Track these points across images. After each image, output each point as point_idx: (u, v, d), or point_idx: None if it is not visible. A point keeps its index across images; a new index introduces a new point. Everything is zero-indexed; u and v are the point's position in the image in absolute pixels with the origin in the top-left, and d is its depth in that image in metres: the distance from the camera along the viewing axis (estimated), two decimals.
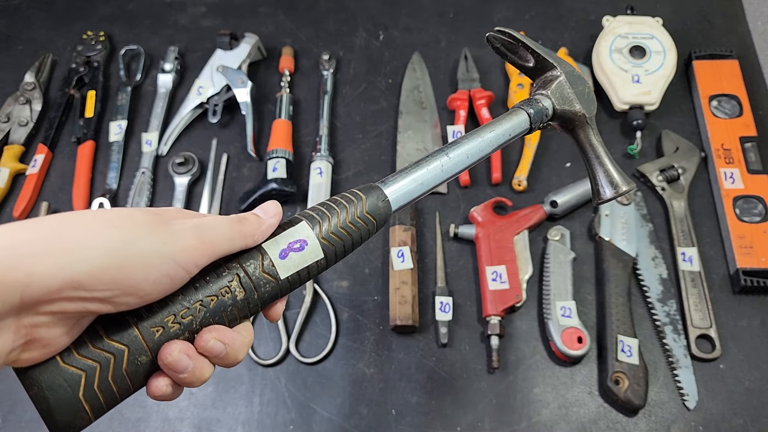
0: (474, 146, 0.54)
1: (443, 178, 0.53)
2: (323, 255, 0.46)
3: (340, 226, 0.47)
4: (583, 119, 0.60)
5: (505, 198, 1.00)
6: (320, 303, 0.96)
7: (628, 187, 0.59)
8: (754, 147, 1.00)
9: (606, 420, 0.85)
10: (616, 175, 0.59)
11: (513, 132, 0.57)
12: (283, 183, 1.01)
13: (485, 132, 0.55)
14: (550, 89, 0.59)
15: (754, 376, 0.87)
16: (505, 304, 0.90)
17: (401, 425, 0.87)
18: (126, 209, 0.40)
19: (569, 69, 0.60)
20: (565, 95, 0.59)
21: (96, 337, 0.39)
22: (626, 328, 0.88)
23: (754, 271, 0.91)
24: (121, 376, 0.39)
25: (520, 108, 0.58)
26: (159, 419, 0.89)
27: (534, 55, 0.61)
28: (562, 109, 0.59)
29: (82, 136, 1.12)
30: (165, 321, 0.41)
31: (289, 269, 0.45)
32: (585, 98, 0.60)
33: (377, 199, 0.49)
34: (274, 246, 0.45)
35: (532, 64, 0.62)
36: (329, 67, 1.17)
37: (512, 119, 0.57)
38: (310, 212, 0.47)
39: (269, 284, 0.44)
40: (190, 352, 0.41)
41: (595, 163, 0.60)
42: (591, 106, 0.60)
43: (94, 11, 1.30)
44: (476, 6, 1.25)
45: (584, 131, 0.61)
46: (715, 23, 1.19)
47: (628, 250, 0.94)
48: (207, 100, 1.12)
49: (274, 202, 0.47)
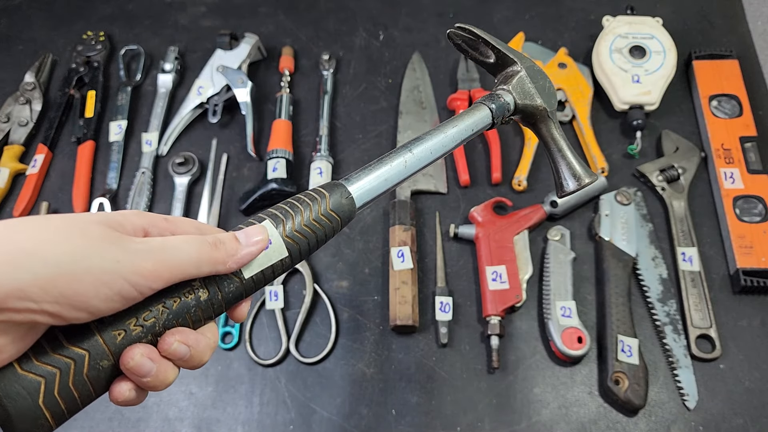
0: (437, 142, 0.54)
1: (406, 174, 0.53)
2: (287, 253, 0.45)
3: (303, 224, 0.46)
4: (545, 113, 0.60)
5: (505, 198, 1.00)
6: (320, 303, 0.96)
7: (591, 179, 0.60)
8: (754, 147, 1.00)
9: (606, 420, 0.85)
10: (579, 167, 0.60)
11: (475, 127, 0.57)
12: (283, 183, 1.01)
13: (448, 128, 0.55)
14: (511, 84, 0.59)
15: (754, 376, 0.87)
16: (505, 304, 0.90)
17: (401, 425, 0.87)
18: (83, 219, 0.38)
19: (530, 64, 0.61)
20: (526, 90, 0.60)
21: (55, 342, 0.38)
22: (626, 328, 0.88)
23: (754, 271, 0.91)
24: (83, 382, 0.38)
25: (482, 103, 0.58)
26: (159, 419, 0.89)
27: (494, 51, 0.61)
28: (523, 103, 0.59)
29: (82, 136, 1.12)
30: (127, 324, 0.39)
31: (253, 269, 0.44)
32: (546, 92, 0.60)
33: (341, 196, 0.49)
34: None
35: (492, 60, 0.62)
36: (329, 67, 1.17)
37: (474, 115, 0.57)
38: (273, 211, 0.46)
39: (233, 284, 0.43)
40: (153, 355, 0.40)
41: (558, 156, 0.61)
42: (552, 100, 0.61)
43: (94, 11, 1.30)
44: (476, 6, 1.25)
45: (546, 125, 0.61)
46: (715, 23, 1.19)
47: (628, 250, 0.94)
48: (207, 100, 1.12)
49: (261, 227, 0.45)
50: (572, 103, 1.07)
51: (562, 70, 1.10)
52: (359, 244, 1.00)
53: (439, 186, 1.04)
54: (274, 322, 0.94)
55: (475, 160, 1.06)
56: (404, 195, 1.01)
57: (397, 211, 0.98)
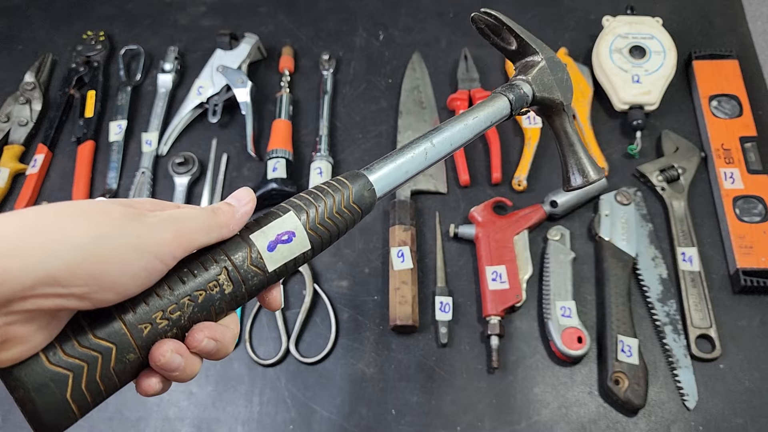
0: (457, 132, 0.54)
1: (426, 164, 0.53)
2: (310, 246, 0.45)
3: (327, 216, 0.46)
4: (561, 107, 0.60)
5: (505, 198, 1.00)
6: (320, 303, 0.96)
7: (598, 176, 0.60)
8: (754, 147, 1.00)
9: (606, 420, 0.85)
10: (588, 164, 0.60)
11: (494, 118, 0.57)
12: (283, 183, 1.01)
13: (467, 118, 0.55)
14: (531, 75, 0.59)
15: (754, 375, 0.87)
16: (505, 304, 0.90)
17: (401, 425, 0.87)
18: (101, 202, 0.39)
19: (551, 55, 0.61)
20: (545, 82, 0.59)
21: (82, 334, 0.38)
22: (626, 328, 0.88)
23: (754, 271, 0.91)
24: (109, 375, 0.38)
25: (501, 94, 0.58)
26: (159, 419, 0.89)
27: (517, 39, 0.61)
28: (541, 95, 0.59)
29: (82, 136, 1.12)
30: (153, 317, 0.39)
31: (277, 261, 0.44)
32: (563, 86, 0.61)
33: (363, 188, 0.48)
34: (262, 237, 0.43)
35: (514, 47, 0.62)
36: (329, 66, 1.17)
37: (494, 105, 0.57)
38: (297, 201, 0.46)
39: (257, 277, 0.43)
40: (182, 350, 0.40)
41: (568, 150, 0.61)
42: (569, 94, 0.61)
43: (94, 11, 1.30)
44: (476, 6, 1.23)
45: (560, 119, 0.61)
46: (715, 23, 1.19)
47: (628, 250, 0.94)
48: (207, 100, 1.12)
49: (246, 189, 0.46)
50: (572, 103, 1.07)
51: None
52: (359, 243, 1.00)
53: (439, 186, 1.04)
54: (274, 322, 0.94)
55: (475, 160, 1.06)
56: (404, 195, 1.01)
57: (397, 210, 0.98)
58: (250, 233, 0.44)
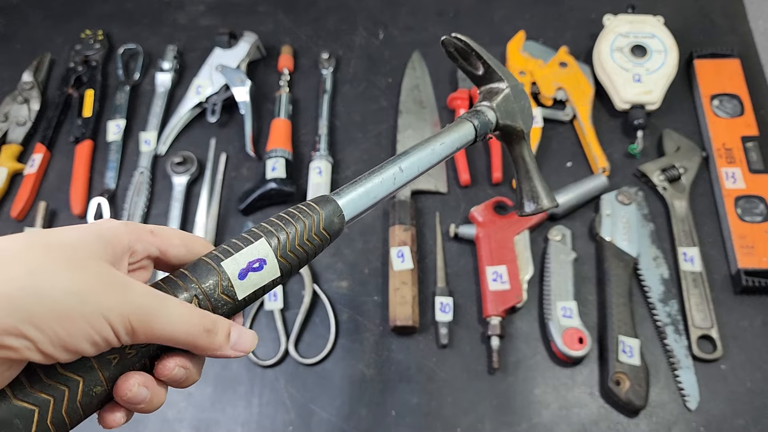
0: (424, 157, 0.55)
1: (394, 188, 0.53)
2: (280, 273, 0.44)
3: (298, 243, 0.45)
4: (522, 134, 0.62)
5: (506, 198, 0.99)
6: (320, 303, 0.95)
7: (551, 204, 0.62)
8: (755, 146, 1.00)
9: (607, 421, 0.85)
10: (542, 191, 0.63)
11: (459, 143, 0.58)
12: (282, 183, 1.01)
13: (434, 143, 0.56)
14: (496, 102, 0.60)
15: (756, 376, 0.86)
16: (505, 304, 0.90)
17: (401, 426, 0.86)
18: (82, 251, 0.36)
19: (515, 83, 0.62)
20: (509, 109, 0.61)
21: (49, 368, 0.37)
22: (627, 328, 0.87)
23: (756, 271, 0.90)
24: (75, 409, 0.37)
25: (467, 120, 0.59)
26: (158, 420, 0.89)
27: (484, 65, 0.62)
28: (504, 122, 0.60)
29: (80, 136, 1.12)
30: (122, 348, 0.38)
31: (247, 289, 0.43)
32: (525, 113, 0.62)
33: (333, 213, 0.47)
34: (234, 265, 0.42)
35: (480, 73, 0.63)
36: (329, 66, 1.16)
37: (459, 131, 0.58)
38: (268, 227, 0.45)
39: (227, 305, 0.42)
40: (149, 383, 0.39)
41: (524, 177, 0.64)
42: (529, 121, 0.63)
43: (93, 10, 1.30)
44: (476, 5, 1.24)
45: (520, 146, 0.63)
46: (716, 22, 1.18)
47: (629, 250, 0.94)
48: (206, 99, 1.12)
49: (254, 337, 0.44)
50: (573, 103, 1.07)
51: (563, 69, 1.09)
52: (359, 244, 1.00)
53: (439, 186, 1.03)
54: (273, 323, 0.94)
55: (476, 160, 1.06)
56: (404, 195, 1.00)
57: (397, 210, 0.97)
58: (221, 260, 0.42)
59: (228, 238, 1.02)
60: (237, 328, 0.43)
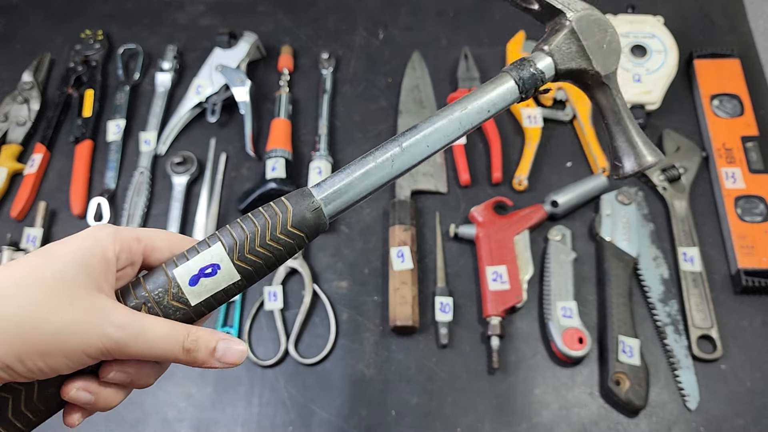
0: (438, 130, 0.45)
1: (393, 174, 0.45)
2: (240, 277, 0.43)
3: (259, 245, 0.43)
4: (597, 78, 0.50)
5: (506, 198, 0.99)
6: (319, 303, 0.95)
7: (654, 158, 0.50)
8: (755, 146, 1.00)
9: (607, 421, 0.85)
10: (641, 144, 0.50)
11: (495, 106, 0.47)
12: (282, 183, 1.01)
13: (455, 110, 0.46)
14: (554, 43, 0.49)
15: (756, 376, 0.86)
16: (505, 304, 0.90)
17: (401, 426, 0.86)
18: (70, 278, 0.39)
19: (582, 14, 0.50)
20: (572, 50, 0.49)
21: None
22: (627, 328, 0.87)
23: (756, 271, 0.90)
24: (33, 406, 0.40)
25: (507, 73, 0.48)
26: (157, 420, 0.89)
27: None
28: (567, 67, 0.49)
29: (80, 136, 1.12)
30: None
31: (201, 295, 0.42)
32: (602, 51, 0.50)
33: (305, 209, 0.44)
34: (185, 271, 0.42)
35: (536, 8, 0.53)
36: (329, 66, 1.16)
37: (494, 89, 0.47)
38: (228, 229, 0.43)
39: (179, 311, 0.42)
40: (91, 387, 0.41)
41: (615, 129, 0.51)
42: (610, 59, 0.50)
43: (92, 10, 1.30)
44: (476, 5, 1.24)
45: (602, 91, 0.51)
46: (716, 22, 1.18)
47: (629, 250, 0.94)
48: (206, 99, 1.12)
49: (243, 350, 0.44)
50: (573, 103, 1.07)
51: None
52: (359, 244, 1.00)
53: (439, 185, 1.03)
54: (273, 323, 0.94)
55: (476, 160, 1.06)
56: (404, 195, 1.00)
57: (396, 210, 0.97)
58: (174, 267, 0.43)
59: None
60: (226, 341, 0.43)
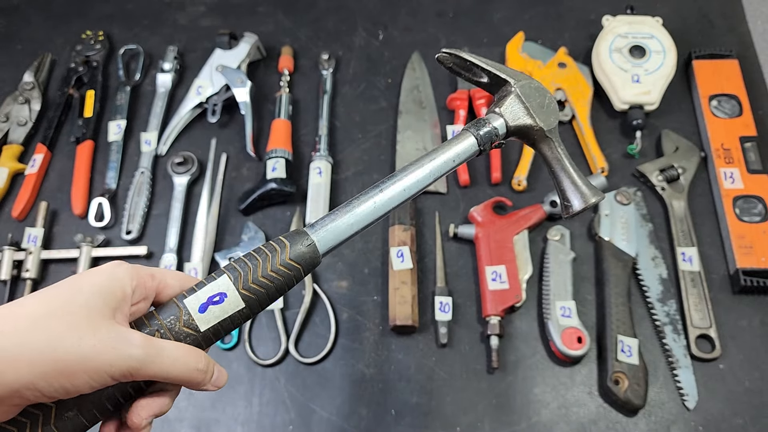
0: (413, 179, 0.54)
1: (378, 214, 0.53)
2: (244, 305, 0.48)
3: (261, 276, 0.48)
4: (542, 133, 0.58)
5: (505, 198, 1.00)
6: (320, 303, 0.96)
7: (597, 198, 0.57)
8: (753, 147, 1.00)
9: (606, 420, 0.85)
10: (583, 186, 0.58)
11: (459, 158, 0.56)
12: (283, 183, 1.01)
13: (426, 162, 0.54)
14: (503, 106, 0.57)
15: (754, 376, 0.87)
16: (504, 304, 0.90)
17: (401, 425, 0.86)
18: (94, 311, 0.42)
19: (524, 82, 0.58)
20: (517, 111, 0.57)
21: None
22: (626, 328, 0.88)
23: (754, 271, 0.91)
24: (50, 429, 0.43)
25: (467, 131, 0.56)
26: (157, 420, 0.88)
27: (485, 72, 0.60)
28: (515, 125, 0.57)
29: (81, 136, 1.12)
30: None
31: (210, 321, 0.47)
32: (544, 111, 0.58)
33: (302, 245, 0.50)
34: (194, 300, 0.47)
35: (486, 81, 0.61)
36: (329, 66, 1.17)
37: (458, 145, 0.56)
38: (233, 264, 0.49)
39: (190, 337, 0.46)
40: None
41: (562, 175, 0.59)
42: (551, 117, 0.58)
43: (93, 11, 1.30)
44: (476, 5, 1.24)
45: (546, 144, 0.59)
46: (715, 23, 1.19)
47: (627, 250, 0.94)
48: (206, 99, 1.12)
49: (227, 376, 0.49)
50: (572, 103, 1.07)
51: (561, 70, 1.10)
52: (359, 244, 1.00)
53: (439, 186, 1.04)
54: (274, 323, 0.94)
55: (475, 160, 1.06)
56: None
57: (396, 210, 0.97)
58: (184, 298, 0.47)
59: (228, 238, 1.02)
60: (217, 366, 0.49)
